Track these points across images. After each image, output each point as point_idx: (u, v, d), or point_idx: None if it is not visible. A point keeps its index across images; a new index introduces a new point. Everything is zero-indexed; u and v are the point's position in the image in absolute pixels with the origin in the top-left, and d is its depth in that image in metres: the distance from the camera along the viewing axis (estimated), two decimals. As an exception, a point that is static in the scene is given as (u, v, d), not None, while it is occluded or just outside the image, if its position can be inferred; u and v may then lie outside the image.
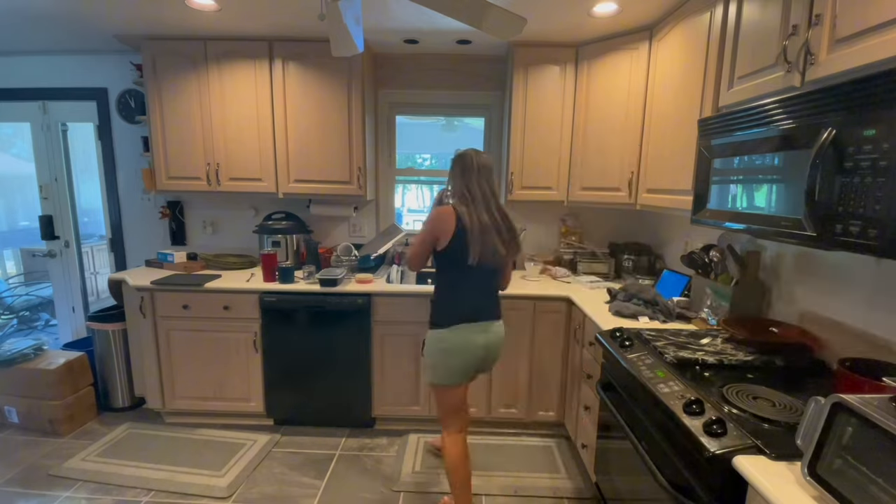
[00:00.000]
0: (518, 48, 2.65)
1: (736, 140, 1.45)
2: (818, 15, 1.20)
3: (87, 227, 3.91)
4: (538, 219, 3.19)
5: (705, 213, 1.62)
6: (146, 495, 2.16)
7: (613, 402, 1.67)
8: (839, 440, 0.88)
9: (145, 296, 2.60)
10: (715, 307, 1.95)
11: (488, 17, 1.54)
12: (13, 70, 3.13)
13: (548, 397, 2.65)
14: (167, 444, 2.56)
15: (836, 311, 1.53)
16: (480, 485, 2.26)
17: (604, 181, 2.61)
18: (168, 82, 2.73)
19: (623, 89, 2.47)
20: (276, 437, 2.64)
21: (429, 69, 3.04)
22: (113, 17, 2.43)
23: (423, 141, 3.45)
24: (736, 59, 1.61)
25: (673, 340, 1.70)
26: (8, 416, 2.68)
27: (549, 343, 2.59)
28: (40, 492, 2.17)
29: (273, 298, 2.56)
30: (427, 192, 3.88)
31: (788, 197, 1.21)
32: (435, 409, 2.55)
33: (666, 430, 1.30)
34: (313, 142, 2.78)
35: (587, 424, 2.19)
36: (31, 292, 4.39)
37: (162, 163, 2.82)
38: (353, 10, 1.53)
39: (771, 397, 1.28)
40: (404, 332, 2.60)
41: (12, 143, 4.70)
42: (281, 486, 2.25)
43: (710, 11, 1.79)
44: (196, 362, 2.66)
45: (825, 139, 1.06)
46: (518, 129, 2.72)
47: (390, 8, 2.25)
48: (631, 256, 2.85)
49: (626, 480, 1.64)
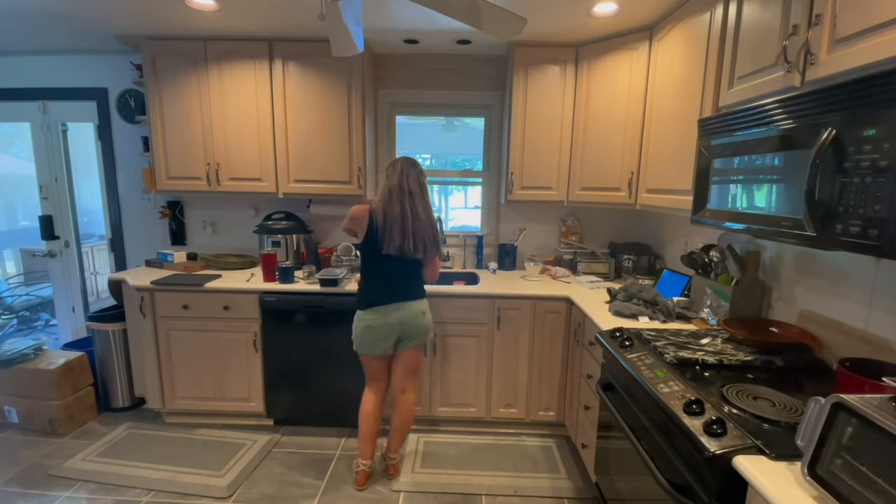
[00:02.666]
0: (518, 48, 2.65)
1: (736, 140, 1.45)
2: (818, 15, 1.19)
3: (87, 227, 3.91)
4: (538, 219, 3.19)
5: (705, 213, 1.62)
6: (146, 495, 2.16)
7: (613, 402, 1.67)
8: (839, 440, 0.88)
9: (145, 296, 2.60)
10: (715, 307, 1.95)
11: (488, 17, 1.54)
12: (13, 70, 3.13)
13: (548, 397, 2.65)
14: (167, 444, 2.56)
15: (836, 311, 1.53)
16: (480, 484, 2.26)
17: (604, 181, 2.61)
18: (168, 82, 2.73)
19: (623, 89, 2.47)
20: (276, 437, 2.64)
21: (429, 69, 3.04)
22: (113, 17, 2.43)
23: (423, 141, 3.44)
24: (736, 59, 1.61)
25: (673, 340, 1.70)
26: (8, 416, 2.68)
27: (549, 343, 2.59)
28: (40, 492, 2.17)
29: (273, 298, 2.56)
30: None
31: (788, 197, 1.21)
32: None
33: (666, 430, 1.30)
34: (313, 142, 2.78)
35: (587, 424, 2.19)
36: (31, 292, 4.40)
37: (162, 163, 2.82)
38: (353, 10, 1.53)
39: (771, 397, 1.28)
40: (404, 332, 2.60)
41: (12, 143, 4.70)
42: (281, 486, 2.25)
43: (710, 11, 1.79)
44: (196, 362, 2.66)
45: (825, 139, 1.06)
46: (518, 129, 2.72)
47: (390, 8, 2.25)
48: (631, 256, 2.85)
49: (626, 480, 1.64)
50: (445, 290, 2.56)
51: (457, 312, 2.57)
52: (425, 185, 2.12)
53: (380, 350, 2.14)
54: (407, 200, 2.03)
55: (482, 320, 2.58)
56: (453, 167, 3.44)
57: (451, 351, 2.62)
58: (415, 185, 2.05)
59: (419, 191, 2.07)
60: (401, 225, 2.00)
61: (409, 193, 2.04)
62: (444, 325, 2.59)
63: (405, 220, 2.00)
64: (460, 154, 3.44)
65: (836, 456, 0.88)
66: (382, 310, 2.08)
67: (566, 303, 2.54)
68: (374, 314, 2.09)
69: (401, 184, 2.04)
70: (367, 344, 2.13)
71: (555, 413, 2.67)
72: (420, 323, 2.14)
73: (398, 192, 2.03)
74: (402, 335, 2.14)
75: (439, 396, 2.68)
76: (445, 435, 2.70)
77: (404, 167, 2.07)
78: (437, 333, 2.60)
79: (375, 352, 2.14)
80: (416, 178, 2.07)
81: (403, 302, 2.10)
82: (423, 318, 2.15)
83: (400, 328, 2.11)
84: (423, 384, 2.66)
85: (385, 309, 2.08)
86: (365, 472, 2.23)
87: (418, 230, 2.03)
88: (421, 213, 2.05)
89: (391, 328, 2.10)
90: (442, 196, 3.87)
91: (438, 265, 2.23)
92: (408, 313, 2.10)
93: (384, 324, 2.09)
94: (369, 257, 2.09)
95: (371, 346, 2.13)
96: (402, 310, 2.09)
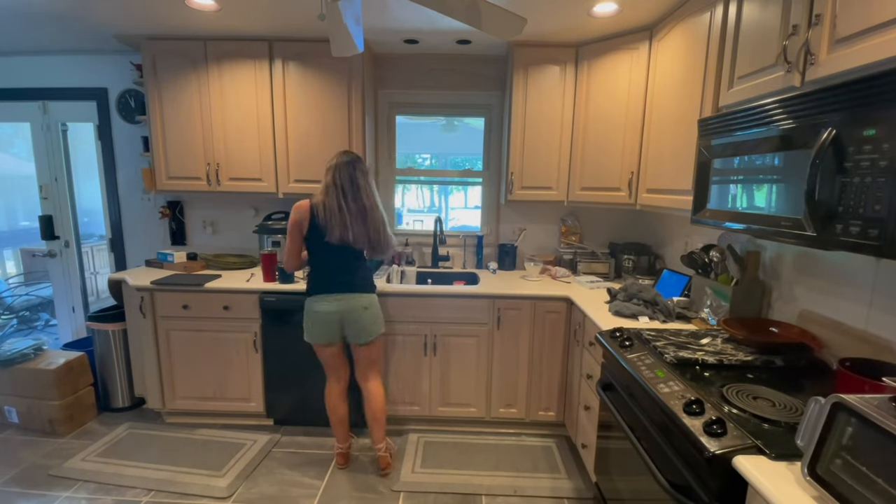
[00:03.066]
0: (518, 48, 2.65)
1: (736, 140, 1.45)
2: (818, 15, 1.19)
3: (87, 227, 3.91)
4: (538, 219, 3.19)
5: (705, 213, 1.62)
6: (146, 495, 2.16)
7: (613, 402, 1.67)
8: (839, 440, 0.88)
9: (145, 296, 2.60)
10: (715, 307, 1.95)
11: (488, 17, 1.54)
12: (13, 70, 3.13)
13: (548, 397, 2.65)
14: (167, 444, 2.56)
15: (836, 311, 1.53)
16: (480, 485, 2.26)
17: (604, 181, 2.61)
18: (168, 82, 2.73)
19: (623, 89, 2.47)
20: (276, 437, 2.64)
21: (429, 69, 3.04)
22: (113, 17, 2.43)
23: (423, 141, 3.44)
24: (736, 59, 1.61)
25: (673, 340, 1.70)
26: (8, 416, 2.68)
27: (549, 343, 2.59)
28: (40, 492, 2.17)
29: (273, 298, 2.56)
30: (427, 192, 3.88)
31: (788, 197, 1.21)
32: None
33: (666, 430, 1.30)
34: (313, 142, 2.78)
35: (587, 424, 2.19)
36: (31, 292, 4.40)
37: (162, 163, 2.82)
38: (353, 10, 1.53)
39: (771, 397, 1.28)
40: (404, 332, 2.60)
41: (12, 143, 4.70)
42: (281, 486, 2.25)
43: (710, 11, 1.79)
44: (196, 362, 2.66)
45: (825, 139, 1.06)
46: (518, 129, 2.72)
47: (390, 8, 2.25)
48: (631, 256, 2.85)
49: (626, 480, 1.64)
50: (445, 290, 2.56)
51: (457, 312, 2.57)
52: (359, 181, 2.16)
53: (326, 339, 2.22)
54: (341, 195, 2.12)
55: (482, 320, 2.58)
56: (453, 167, 3.44)
57: (451, 351, 2.62)
58: (346, 181, 2.13)
59: (350, 186, 2.13)
60: (339, 218, 2.11)
61: (341, 188, 2.13)
62: (444, 324, 2.59)
63: (343, 214, 2.11)
64: (460, 154, 3.44)
65: (836, 456, 0.87)
66: (326, 298, 2.18)
67: (566, 303, 2.54)
68: (318, 302, 2.19)
69: (335, 180, 2.14)
70: (314, 332, 2.22)
71: (555, 413, 2.66)
72: (361, 318, 2.20)
73: (333, 187, 2.13)
74: (346, 327, 2.22)
75: (439, 396, 2.68)
76: (445, 435, 2.70)
77: (339, 164, 2.16)
78: (438, 333, 2.60)
79: (322, 340, 2.22)
80: (349, 175, 2.14)
81: (343, 293, 2.19)
82: (364, 313, 2.20)
83: (340, 317, 2.19)
84: (422, 384, 2.66)
85: (328, 297, 2.18)
86: (342, 453, 2.39)
87: (356, 222, 2.13)
88: (354, 207, 2.13)
89: (332, 316, 2.18)
90: (442, 196, 3.88)
91: (389, 245, 2.27)
92: (348, 305, 2.18)
93: (327, 311, 2.17)
94: (314, 249, 2.19)
95: (318, 335, 2.22)
96: (342, 300, 2.18)
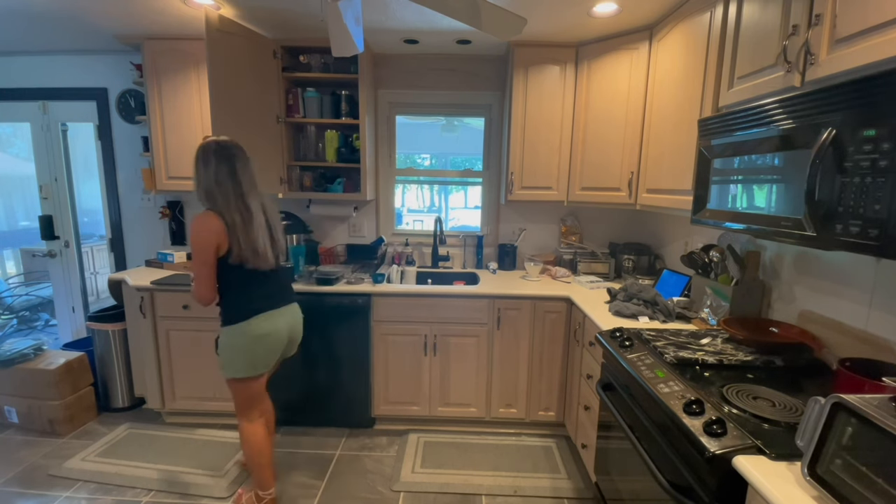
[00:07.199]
0: (518, 48, 2.65)
1: (736, 140, 1.45)
2: (818, 15, 1.19)
3: (87, 227, 3.91)
4: (538, 219, 3.19)
5: (705, 213, 1.62)
6: (146, 495, 2.16)
7: (613, 402, 1.67)
8: (839, 440, 0.88)
9: (145, 296, 2.60)
10: (715, 307, 1.95)
11: (488, 17, 1.54)
12: (13, 70, 3.13)
13: (548, 397, 2.65)
14: (167, 444, 2.56)
15: (836, 311, 1.53)
16: (481, 485, 2.26)
17: (604, 181, 2.61)
18: (168, 82, 2.73)
19: (623, 89, 2.47)
20: (275, 438, 2.64)
21: (429, 69, 3.04)
22: (113, 17, 2.43)
23: (423, 141, 3.44)
24: (736, 59, 1.61)
25: (673, 340, 1.70)
26: (8, 416, 2.68)
27: (549, 343, 2.59)
28: (40, 492, 2.17)
29: (273, 298, 2.55)
30: (427, 192, 3.88)
31: (788, 197, 1.21)
32: (234, 402, 2.00)
33: (666, 430, 1.30)
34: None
35: (587, 424, 2.19)
36: (31, 292, 4.40)
37: (162, 163, 2.82)
38: (353, 10, 1.53)
39: (771, 397, 1.28)
40: (404, 332, 2.60)
41: (12, 143, 4.70)
42: (281, 486, 2.24)
43: (710, 11, 1.79)
44: (196, 362, 2.65)
45: (825, 139, 1.06)
46: (518, 129, 2.72)
47: (390, 8, 2.25)
48: (631, 256, 2.85)
49: (626, 480, 1.64)
50: (445, 290, 2.56)
51: (457, 312, 2.57)
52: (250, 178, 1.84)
53: (272, 364, 1.91)
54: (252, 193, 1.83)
55: (482, 320, 2.58)
56: (453, 167, 3.44)
57: (451, 351, 2.62)
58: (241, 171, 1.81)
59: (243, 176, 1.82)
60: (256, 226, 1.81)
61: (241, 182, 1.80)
62: (444, 325, 2.59)
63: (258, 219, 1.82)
64: (460, 154, 3.44)
65: (836, 456, 0.88)
66: (274, 314, 1.85)
67: (566, 303, 2.54)
68: (264, 320, 1.82)
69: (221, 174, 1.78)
70: (261, 360, 1.84)
71: (555, 413, 2.66)
72: (300, 329, 2.04)
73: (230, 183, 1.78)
74: (291, 343, 1.99)
75: (439, 396, 2.68)
76: (445, 435, 2.70)
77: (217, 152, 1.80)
78: (438, 333, 2.60)
79: (266, 368, 1.89)
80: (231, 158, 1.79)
81: (287, 305, 1.95)
82: (301, 324, 2.04)
83: (289, 333, 1.94)
84: (422, 384, 2.66)
85: (277, 313, 1.86)
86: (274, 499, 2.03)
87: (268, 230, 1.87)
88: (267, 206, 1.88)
89: (283, 334, 1.90)
90: (442, 196, 3.88)
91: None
92: (294, 318, 1.98)
93: (278, 329, 1.86)
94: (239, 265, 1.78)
95: (265, 362, 1.86)
96: (288, 314, 1.93)
